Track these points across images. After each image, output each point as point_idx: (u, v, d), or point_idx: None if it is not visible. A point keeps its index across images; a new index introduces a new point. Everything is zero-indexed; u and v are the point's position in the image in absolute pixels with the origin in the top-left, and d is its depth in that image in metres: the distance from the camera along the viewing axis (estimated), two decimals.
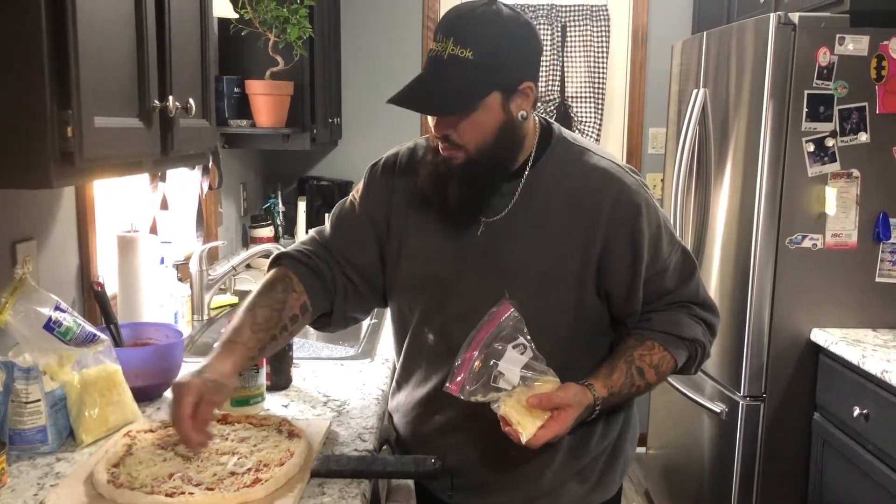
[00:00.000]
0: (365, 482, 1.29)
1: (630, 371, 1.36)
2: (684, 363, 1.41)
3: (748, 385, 2.46)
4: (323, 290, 1.44)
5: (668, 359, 1.39)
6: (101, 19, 1.10)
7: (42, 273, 1.65)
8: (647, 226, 1.36)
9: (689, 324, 1.40)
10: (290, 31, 2.65)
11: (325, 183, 3.70)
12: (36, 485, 1.25)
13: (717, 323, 1.46)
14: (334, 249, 1.47)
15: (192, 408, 1.21)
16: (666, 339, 1.38)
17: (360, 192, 1.50)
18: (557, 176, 1.38)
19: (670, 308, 1.41)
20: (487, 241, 1.38)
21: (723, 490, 2.57)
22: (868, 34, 2.30)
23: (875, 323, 2.40)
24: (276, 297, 1.40)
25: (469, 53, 1.25)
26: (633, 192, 1.36)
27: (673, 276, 1.41)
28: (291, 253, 1.48)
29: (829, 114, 2.34)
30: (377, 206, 1.47)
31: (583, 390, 1.30)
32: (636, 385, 1.37)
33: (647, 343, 1.39)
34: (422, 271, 1.43)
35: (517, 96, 1.32)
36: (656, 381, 1.40)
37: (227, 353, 1.31)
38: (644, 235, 1.35)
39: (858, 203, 2.37)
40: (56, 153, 1.00)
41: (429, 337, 1.44)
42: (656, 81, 3.74)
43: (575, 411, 1.28)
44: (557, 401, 1.26)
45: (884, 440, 2.04)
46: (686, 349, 1.40)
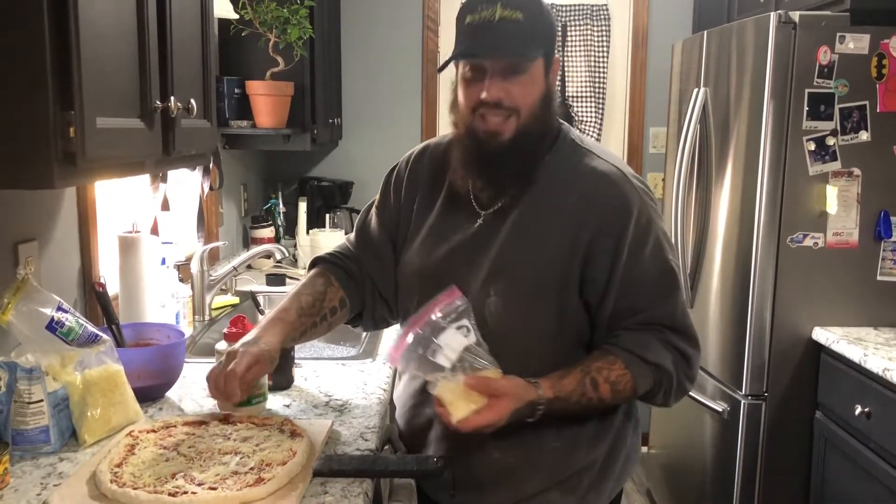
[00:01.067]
0: (367, 481, 1.29)
1: (584, 381, 1.31)
2: (649, 390, 1.35)
3: (750, 384, 2.46)
4: (356, 289, 1.53)
5: (628, 379, 1.32)
6: (103, 21, 1.11)
7: (44, 274, 1.65)
8: (634, 231, 1.32)
9: (656, 348, 1.33)
10: (290, 31, 2.65)
11: (325, 183, 3.70)
12: (39, 484, 1.25)
13: (695, 355, 1.37)
14: (360, 256, 1.55)
15: (246, 369, 1.30)
16: (629, 359, 1.32)
17: (378, 198, 1.57)
18: (557, 176, 1.37)
19: (642, 328, 1.34)
20: (481, 235, 1.38)
21: (725, 489, 2.57)
22: (868, 33, 2.30)
23: (876, 321, 2.40)
24: (318, 289, 1.49)
25: (519, 15, 1.26)
26: (626, 198, 1.34)
27: (649, 293, 1.34)
28: (325, 257, 1.57)
29: (829, 112, 2.34)
30: (389, 212, 1.53)
31: (526, 385, 1.28)
32: (587, 396, 1.31)
33: (608, 358, 1.33)
34: (419, 265, 1.45)
35: (552, 68, 1.34)
36: (611, 399, 1.33)
37: (275, 328, 1.40)
38: (627, 239, 1.32)
39: (859, 202, 2.37)
40: (58, 154, 1.01)
41: None
42: (657, 81, 3.74)
43: (512, 403, 1.25)
44: (495, 387, 1.24)
45: (886, 438, 2.04)
46: (651, 375, 1.33)
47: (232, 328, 1.57)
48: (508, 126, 1.31)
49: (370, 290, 1.54)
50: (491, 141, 1.32)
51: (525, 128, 1.31)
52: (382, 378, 1.82)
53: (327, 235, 3.23)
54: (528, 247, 1.34)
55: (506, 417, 1.25)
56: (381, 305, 1.55)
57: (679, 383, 1.36)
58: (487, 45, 1.28)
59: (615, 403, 1.38)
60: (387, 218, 1.54)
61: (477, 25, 1.28)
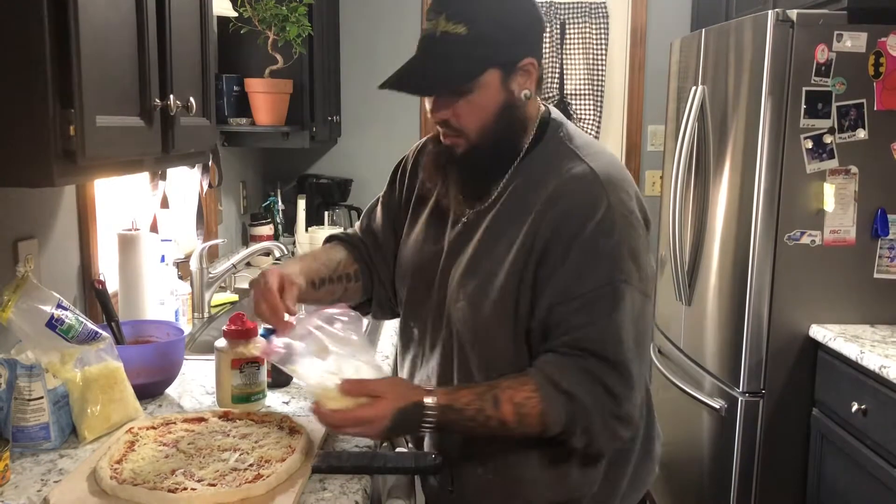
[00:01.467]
0: (366, 478, 1.30)
1: (485, 395, 1.21)
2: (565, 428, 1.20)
3: (747, 381, 2.47)
4: (367, 270, 1.52)
5: (535, 404, 1.19)
6: (102, 19, 1.11)
7: (43, 271, 1.65)
8: (588, 235, 1.20)
9: (575, 377, 1.20)
10: (289, 29, 2.66)
11: (324, 181, 3.71)
12: (39, 481, 1.26)
13: (625, 394, 1.21)
14: (366, 242, 1.55)
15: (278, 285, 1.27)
16: (542, 382, 1.20)
17: (385, 191, 1.57)
18: (534, 177, 1.29)
19: (567, 352, 1.21)
20: (463, 235, 1.35)
21: (722, 485, 2.58)
22: (866, 31, 2.30)
23: (873, 319, 2.41)
24: (334, 255, 1.49)
25: (462, 29, 1.18)
26: (592, 201, 1.22)
27: (584, 310, 1.20)
28: (341, 235, 1.58)
29: (827, 110, 2.34)
30: (394, 203, 1.53)
31: (413, 387, 1.25)
32: (486, 414, 1.20)
33: (521, 378, 1.22)
34: (409, 262, 1.45)
35: (518, 74, 1.24)
36: (515, 423, 1.20)
37: (292, 263, 1.40)
38: (576, 243, 1.20)
39: (857, 199, 2.38)
40: (58, 152, 1.01)
41: (413, 331, 1.45)
42: (655, 79, 3.75)
43: (393, 402, 1.19)
44: (371, 387, 1.21)
45: (882, 435, 2.05)
46: (563, 406, 1.19)
47: (231, 325, 1.57)
48: (460, 142, 1.27)
49: (376, 275, 1.53)
50: (452, 151, 1.30)
51: (478, 145, 1.26)
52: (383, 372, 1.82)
53: (326, 233, 3.21)
54: (496, 250, 1.28)
55: (388, 417, 1.19)
56: (383, 291, 1.54)
57: (605, 424, 1.21)
58: (410, 79, 1.24)
59: (523, 432, 1.22)
60: (391, 209, 1.53)
61: (422, 39, 1.25)
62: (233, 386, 1.55)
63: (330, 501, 1.21)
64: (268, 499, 1.19)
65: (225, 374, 1.56)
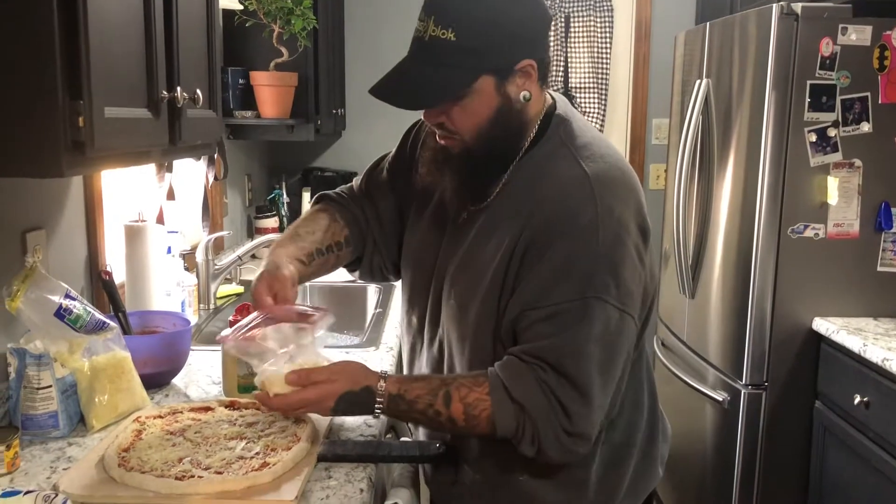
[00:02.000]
0: (370, 466, 1.31)
1: (437, 391, 1.21)
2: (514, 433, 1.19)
3: (750, 374, 2.47)
4: (359, 232, 1.48)
5: (486, 407, 1.19)
6: (111, 11, 1.12)
7: (51, 262, 1.67)
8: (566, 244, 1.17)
9: (528, 388, 1.17)
10: (294, 22, 2.66)
11: (329, 174, 3.72)
12: (49, 468, 1.27)
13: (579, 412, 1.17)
14: (363, 204, 1.50)
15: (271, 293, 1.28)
16: (496, 386, 1.19)
17: (394, 152, 1.51)
18: (531, 177, 1.25)
19: (527, 360, 1.19)
20: (460, 231, 1.32)
21: (725, 478, 2.59)
22: (871, 24, 2.30)
23: (876, 312, 2.42)
24: (320, 222, 1.45)
25: (451, 34, 1.12)
26: (577, 209, 1.18)
27: (549, 320, 1.17)
28: (332, 195, 1.52)
29: (831, 104, 2.34)
30: (401, 172, 1.47)
31: (367, 371, 1.25)
32: (435, 409, 1.20)
33: (478, 378, 1.22)
34: (411, 254, 1.43)
35: (515, 77, 1.19)
36: (464, 423, 1.20)
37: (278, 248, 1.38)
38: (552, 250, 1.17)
39: (860, 193, 2.38)
40: (68, 143, 1.02)
41: (413, 321, 1.45)
42: (660, 72, 3.75)
43: (340, 385, 1.21)
44: (314, 376, 1.22)
45: (884, 428, 2.06)
46: (513, 415, 1.18)
47: (237, 316, 1.58)
48: (455, 144, 1.24)
49: (371, 237, 1.49)
50: (445, 151, 1.27)
51: (474, 147, 1.22)
52: (386, 366, 1.84)
53: None
54: (485, 251, 1.25)
55: (333, 398, 1.21)
56: (378, 257, 1.50)
57: (556, 438, 1.18)
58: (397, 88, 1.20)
59: (472, 432, 1.23)
60: (397, 178, 1.47)
61: (413, 41, 1.19)
62: (239, 376, 1.57)
63: (335, 489, 1.22)
64: (273, 486, 1.20)
65: (231, 365, 1.57)
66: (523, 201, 1.23)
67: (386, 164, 1.51)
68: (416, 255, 1.42)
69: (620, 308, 1.18)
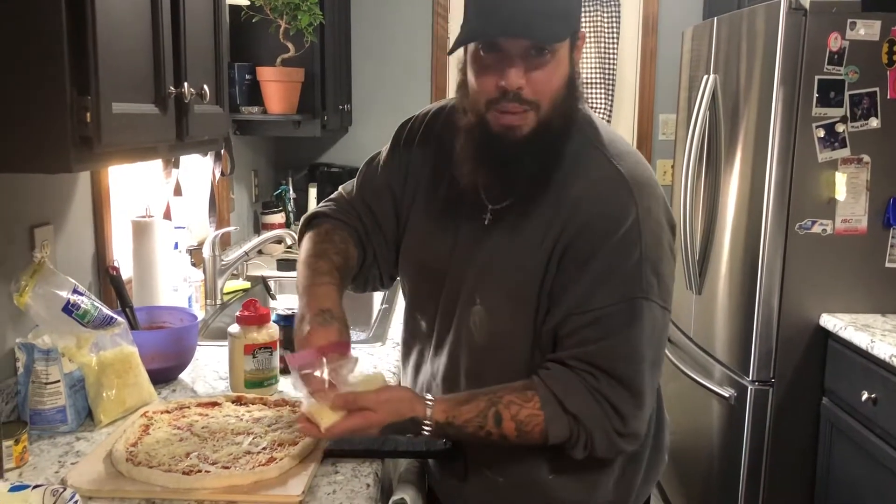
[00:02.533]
0: (377, 462, 1.32)
1: (486, 412, 1.18)
2: (565, 440, 1.19)
3: (757, 370, 2.47)
4: (361, 247, 1.41)
5: (539, 422, 1.17)
6: (118, 7, 1.12)
7: (59, 257, 1.68)
8: (614, 245, 1.16)
9: (580, 397, 1.17)
10: (300, 17, 2.66)
11: (335, 170, 3.72)
12: (57, 462, 1.28)
13: (633, 414, 1.18)
14: (361, 215, 1.42)
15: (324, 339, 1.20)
16: (547, 399, 1.17)
17: (386, 153, 1.43)
18: (562, 177, 1.21)
19: (577, 367, 1.18)
20: (483, 233, 1.26)
21: (731, 474, 2.59)
22: (880, 19, 2.29)
23: (884, 308, 2.41)
24: (340, 246, 1.37)
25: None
26: (621, 209, 1.17)
27: (599, 322, 1.17)
28: (326, 212, 1.44)
29: (839, 99, 2.33)
30: (396, 173, 1.39)
31: (412, 400, 1.20)
32: (486, 430, 1.18)
33: (526, 393, 1.19)
34: (414, 258, 1.39)
35: (578, 45, 1.17)
36: (516, 439, 1.19)
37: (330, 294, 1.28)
38: (601, 252, 1.16)
39: (868, 189, 2.37)
40: (75, 138, 1.03)
41: (421, 324, 1.40)
42: (667, 68, 3.74)
43: (383, 416, 1.17)
44: (361, 402, 1.17)
45: (892, 424, 2.05)
46: (567, 425, 1.18)
47: (244, 311, 1.59)
48: (527, 121, 1.15)
49: (371, 249, 1.42)
50: (506, 136, 1.16)
51: (546, 122, 1.16)
52: (392, 361, 1.84)
53: None
54: (517, 253, 1.22)
55: (377, 427, 1.18)
56: (376, 268, 1.45)
57: (609, 440, 1.19)
58: (507, 22, 1.08)
59: (522, 444, 1.21)
60: (393, 179, 1.40)
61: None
62: (246, 371, 1.57)
63: (342, 484, 1.23)
64: (280, 482, 1.21)
65: (238, 360, 1.58)
66: (557, 201, 1.20)
67: (380, 166, 1.43)
68: (422, 258, 1.37)
69: (663, 306, 1.19)
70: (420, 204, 1.37)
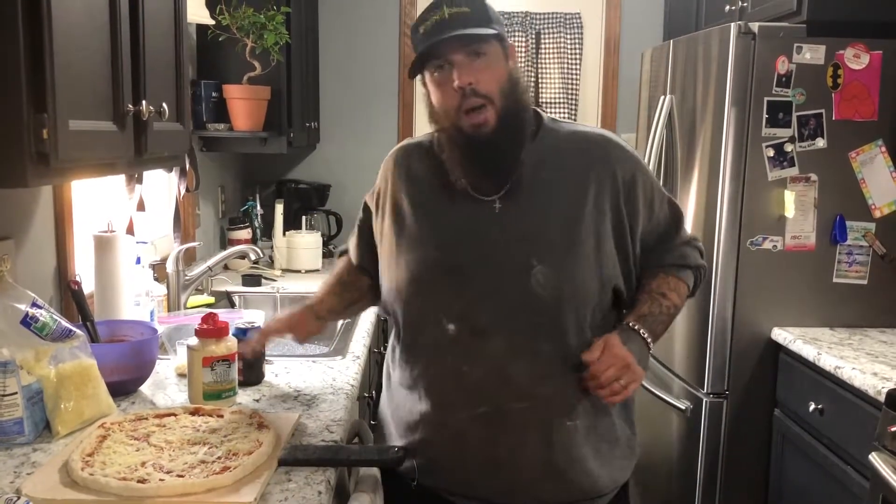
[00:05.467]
0: (330, 470, 1.35)
1: (651, 297, 1.50)
2: (693, 286, 1.59)
3: (711, 382, 2.53)
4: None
5: (682, 284, 1.55)
6: (76, 26, 1.16)
7: (20, 271, 1.69)
8: (646, 175, 1.52)
9: (692, 254, 1.58)
10: (266, 37, 2.71)
11: (303, 186, 3.75)
12: (13, 473, 1.30)
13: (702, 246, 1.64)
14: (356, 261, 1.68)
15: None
16: (676, 269, 1.55)
17: (368, 193, 1.63)
18: (557, 146, 1.47)
19: (677, 248, 1.56)
20: (505, 214, 1.43)
21: (688, 484, 2.65)
22: (824, 44, 2.38)
23: (832, 322, 2.49)
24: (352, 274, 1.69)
25: (467, 8, 1.37)
26: (628, 151, 1.52)
27: (672, 223, 1.56)
28: None
29: (787, 120, 2.42)
30: (375, 209, 1.58)
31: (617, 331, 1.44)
32: (663, 305, 1.50)
33: (659, 276, 1.53)
34: (433, 259, 1.45)
35: (510, 52, 1.43)
36: (679, 302, 1.54)
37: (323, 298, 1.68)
38: (648, 183, 1.51)
39: (816, 206, 2.45)
40: (32, 154, 1.06)
41: (448, 327, 1.42)
42: (628, 88, 3.82)
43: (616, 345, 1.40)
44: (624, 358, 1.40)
45: (837, 434, 2.12)
46: (693, 274, 1.58)
47: (203, 324, 1.62)
48: (490, 113, 1.38)
49: None
50: (478, 134, 1.38)
51: (504, 113, 1.38)
52: (351, 374, 1.87)
53: (304, 237, 3.28)
54: (556, 211, 1.43)
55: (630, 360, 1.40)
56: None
57: (706, 271, 1.63)
58: (443, 35, 1.36)
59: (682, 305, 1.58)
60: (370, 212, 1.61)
61: (430, 26, 1.37)
62: (204, 383, 1.60)
63: (294, 492, 1.26)
64: (233, 489, 1.23)
65: (196, 372, 1.60)
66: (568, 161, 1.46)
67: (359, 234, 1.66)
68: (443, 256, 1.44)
69: None
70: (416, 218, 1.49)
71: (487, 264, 1.42)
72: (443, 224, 1.47)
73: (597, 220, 1.44)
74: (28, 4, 1.04)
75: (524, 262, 1.40)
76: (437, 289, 1.45)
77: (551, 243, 1.42)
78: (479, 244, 1.43)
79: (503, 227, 1.43)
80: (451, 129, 1.41)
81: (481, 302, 1.41)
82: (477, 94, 1.37)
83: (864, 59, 2.39)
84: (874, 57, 2.38)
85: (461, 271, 1.43)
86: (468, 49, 1.36)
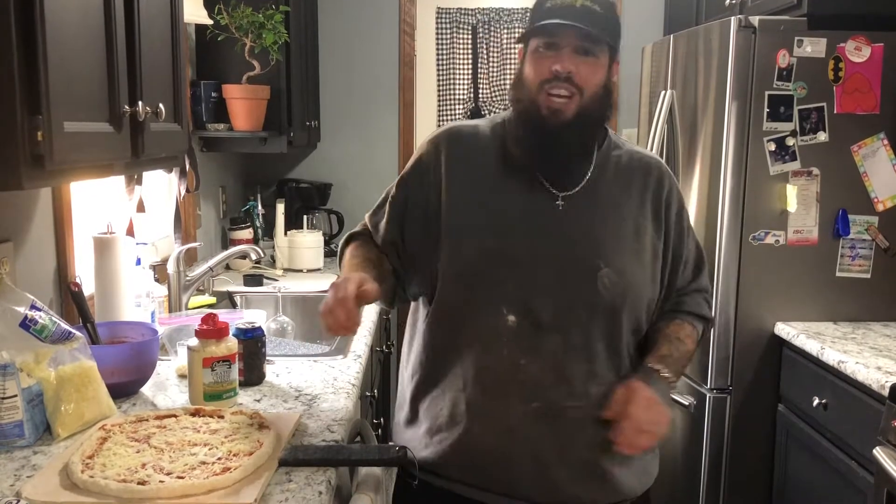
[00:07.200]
0: (331, 470, 1.34)
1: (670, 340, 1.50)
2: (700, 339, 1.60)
3: (715, 378, 2.52)
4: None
5: (696, 333, 1.56)
6: (71, 27, 1.15)
7: (19, 274, 1.69)
8: (686, 211, 1.56)
9: (705, 306, 1.60)
10: (265, 36, 2.70)
11: (304, 185, 3.75)
12: (13, 476, 1.29)
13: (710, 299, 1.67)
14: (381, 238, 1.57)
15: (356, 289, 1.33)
16: (692, 318, 1.55)
17: (408, 170, 1.56)
18: (620, 161, 1.50)
19: (693, 294, 1.57)
20: (569, 213, 1.44)
21: (693, 480, 2.64)
22: (825, 37, 2.37)
23: (836, 316, 2.48)
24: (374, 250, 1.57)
25: (598, 7, 1.38)
26: (676, 183, 1.56)
27: (696, 266, 1.58)
28: (360, 232, 1.63)
29: (789, 114, 2.41)
30: (422, 186, 1.51)
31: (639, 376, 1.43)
32: (681, 350, 1.49)
33: (675, 321, 1.53)
34: (492, 247, 1.43)
35: (615, 65, 1.45)
36: (693, 350, 1.55)
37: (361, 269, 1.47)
38: (687, 219, 1.56)
39: (818, 200, 2.44)
40: (27, 157, 1.05)
41: (508, 318, 1.41)
42: (629, 83, 3.81)
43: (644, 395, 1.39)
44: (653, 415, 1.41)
45: (840, 428, 2.11)
46: (704, 327, 1.59)
47: (203, 325, 1.61)
48: (571, 104, 1.38)
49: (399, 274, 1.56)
50: (552, 118, 1.39)
51: (586, 109, 1.39)
52: (352, 373, 1.87)
53: (305, 237, 3.28)
54: (621, 221, 1.46)
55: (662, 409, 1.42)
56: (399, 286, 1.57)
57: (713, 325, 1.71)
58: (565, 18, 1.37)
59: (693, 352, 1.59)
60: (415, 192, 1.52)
61: (558, 6, 1.38)
62: (204, 384, 1.60)
63: (295, 492, 1.25)
64: (234, 490, 1.23)
65: (197, 373, 1.60)
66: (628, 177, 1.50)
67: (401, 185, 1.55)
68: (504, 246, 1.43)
69: None
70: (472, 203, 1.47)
71: (551, 260, 1.42)
72: (500, 212, 1.45)
73: (653, 237, 1.48)
74: (21, 4, 1.04)
75: (591, 263, 1.42)
76: (498, 278, 1.42)
77: (618, 248, 1.45)
78: (541, 239, 1.43)
79: (567, 224, 1.44)
80: (528, 102, 1.42)
81: (545, 297, 1.41)
82: (570, 82, 1.38)
83: (865, 51, 2.37)
84: (875, 50, 2.37)
85: (522, 263, 1.42)
86: (583, 44, 1.37)
